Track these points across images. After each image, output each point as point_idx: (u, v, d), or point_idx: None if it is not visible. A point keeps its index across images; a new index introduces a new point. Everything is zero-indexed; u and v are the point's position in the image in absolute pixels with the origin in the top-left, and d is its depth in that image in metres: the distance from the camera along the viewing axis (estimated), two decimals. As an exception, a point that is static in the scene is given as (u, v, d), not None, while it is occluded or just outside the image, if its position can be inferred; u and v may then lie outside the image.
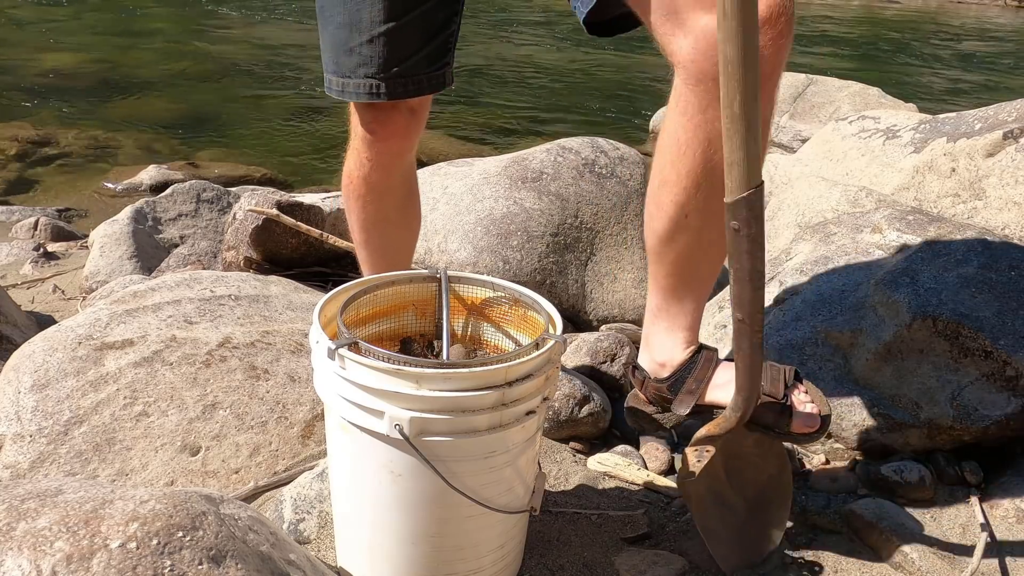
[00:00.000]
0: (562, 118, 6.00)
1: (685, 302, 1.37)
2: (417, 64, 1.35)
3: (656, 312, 1.40)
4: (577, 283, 2.25)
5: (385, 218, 1.59)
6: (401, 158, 1.52)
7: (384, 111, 1.41)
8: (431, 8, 1.34)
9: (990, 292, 1.69)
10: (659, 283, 1.38)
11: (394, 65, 1.34)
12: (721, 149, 1.10)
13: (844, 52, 9.36)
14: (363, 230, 1.61)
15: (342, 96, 1.41)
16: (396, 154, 1.49)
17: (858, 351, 1.71)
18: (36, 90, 5.88)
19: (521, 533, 1.30)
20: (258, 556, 0.94)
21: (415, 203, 1.66)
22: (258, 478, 1.47)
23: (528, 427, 1.17)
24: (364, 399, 1.09)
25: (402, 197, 1.60)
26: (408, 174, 1.59)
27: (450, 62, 1.41)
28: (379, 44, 1.33)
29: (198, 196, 3.02)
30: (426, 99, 1.45)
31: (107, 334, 1.61)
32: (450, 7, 1.37)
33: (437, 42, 1.36)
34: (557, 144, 2.49)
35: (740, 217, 1.12)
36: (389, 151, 1.47)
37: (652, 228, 1.33)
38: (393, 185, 1.54)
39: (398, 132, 1.45)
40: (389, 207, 1.57)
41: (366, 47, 1.34)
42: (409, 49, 1.34)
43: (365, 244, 1.64)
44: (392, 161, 1.50)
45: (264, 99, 6.09)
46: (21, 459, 1.44)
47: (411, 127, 1.46)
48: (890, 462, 1.62)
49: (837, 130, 3.03)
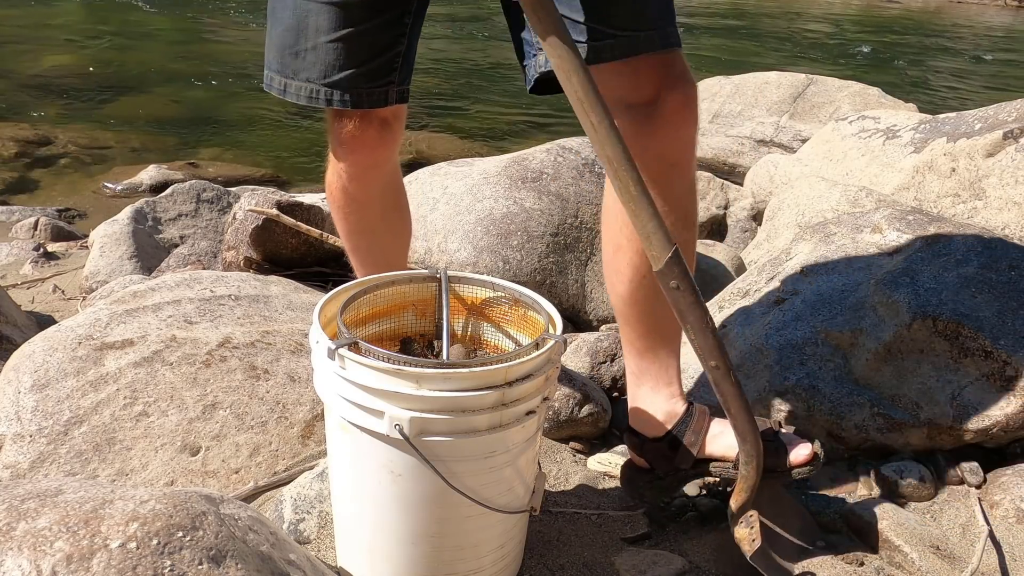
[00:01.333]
0: (562, 118, 6.00)
1: (661, 357, 1.43)
2: (355, 78, 1.37)
3: (637, 376, 1.46)
4: (577, 283, 2.25)
5: (370, 228, 1.58)
6: (377, 170, 1.51)
7: (351, 119, 1.42)
8: (373, 28, 1.36)
9: (990, 292, 1.69)
10: (634, 346, 1.45)
11: (332, 74, 1.36)
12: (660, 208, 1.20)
13: (844, 52, 9.36)
14: (349, 239, 1.62)
15: (284, 96, 1.42)
16: (370, 166, 1.49)
17: (858, 351, 1.71)
18: (36, 90, 5.88)
19: (521, 533, 1.30)
20: (258, 556, 0.94)
21: (401, 213, 1.64)
22: (258, 478, 1.47)
23: (528, 427, 1.17)
24: (364, 399, 1.09)
25: (384, 208, 1.58)
26: (389, 185, 1.58)
27: (395, 81, 1.41)
28: (321, 52, 1.35)
29: (198, 196, 3.02)
30: (396, 111, 1.45)
31: (107, 334, 1.61)
32: (394, 29, 1.38)
33: (380, 61, 1.38)
34: (557, 144, 2.49)
35: (675, 275, 1.19)
36: (361, 163, 1.47)
37: (616, 293, 1.42)
38: (372, 196, 1.54)
39: (368, 143, 1.45)
40: (372, 217, 1.57)
41: (310, 53, 1.36)
42: (349, 62, 1.36)
43: (354, 251, 1.63)
44: (367, 173, 1.49)
45: (264, 99, 6.09)
46: (21, 459, 1.44)
47: (382, 139, 1.45)
48: (890, 462, 1.62)
49: (837, 130, 3.03)
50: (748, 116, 4.15)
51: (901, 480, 1.57)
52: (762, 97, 4.23)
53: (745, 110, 4.18)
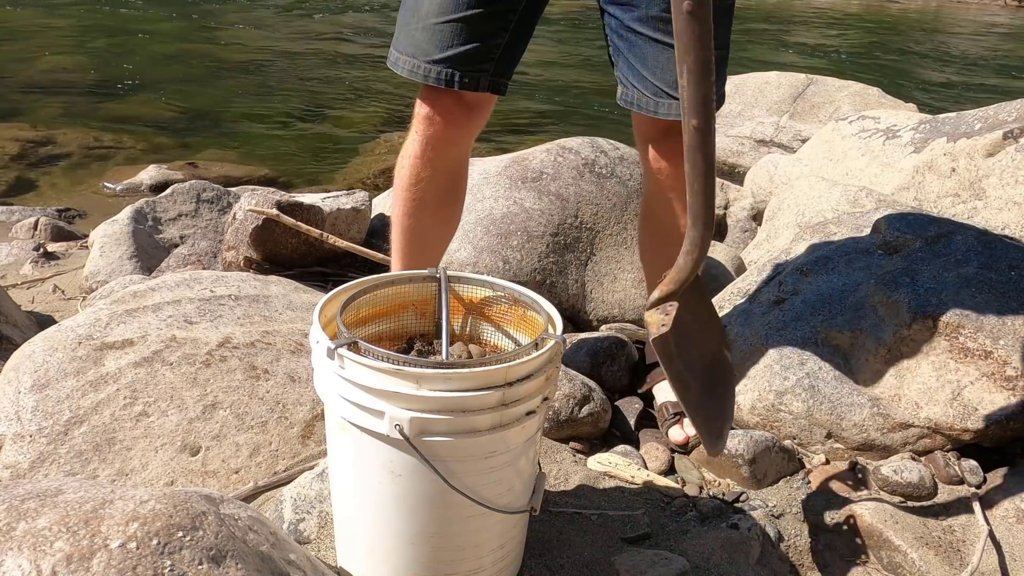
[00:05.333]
0: (562, 118, 6.00)
1: None
2: (454, 60, 1.51)
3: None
4: (577, 283, 2.24)
5: (424, 207, 1.67)
6: (448, 149, 1.62)
7: (439, 96, 1.56)
8: (477, 16, 1.49)
9: (990, 292, 1.69)
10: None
11: (434, 54, 1.51)
12: None
13: (844, 52, 9.36)
14: (401, 219, 1.70)
15: (395, 68, 1.57)
16: (442, 145, 1.60)
17: (858, 351, 1.71)
18: (36, 90, 5.88)
19: (521, 533, 1.30)
20: (258, 556, 0.94)
21: (456, 202, 1.75)
22: (258, 478, 1.47)
23: (528, 427, 1.17)
24: (364, 399, 1.09)
25: (444, 189, 1.68)
26: (453, 169, 1.68)
27: (489, 70, 1.54)
28: (428, 32, 1.50)
29: (198, 196, 3.02)
30: (482, 99, 1.59)
31: (107, 334, 1.61)
32: (498, 22, 1.52)
33: (479, 48, 1.51)
34: (557, 144, 2.49)
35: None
36: (436, 138, 1.59)
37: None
38: (436, 174, 1.64)
39: (448, 121, 1.58)
40: (430, 197, 1.66)
41: (419, 32, 1.52)
42: (451, 45, 1.50)
43: (402, 233, 1.71)
44: (437, 150, 1.60)
45: (264, 99, 6.09)
46: (21, 459, 1.44)
47: (461, 121, 1.59)
48: (890, 462, 1.62)
49: (837, 130, 3.03)
50: (748, 116, 4.15)
51: (901, 480, 1.57)
52: (762, 97, 4.22)
53: (745, 110, 4.18)
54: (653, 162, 1.63)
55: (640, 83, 1.53)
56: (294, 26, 8.91)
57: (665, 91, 1.50)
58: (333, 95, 6.29)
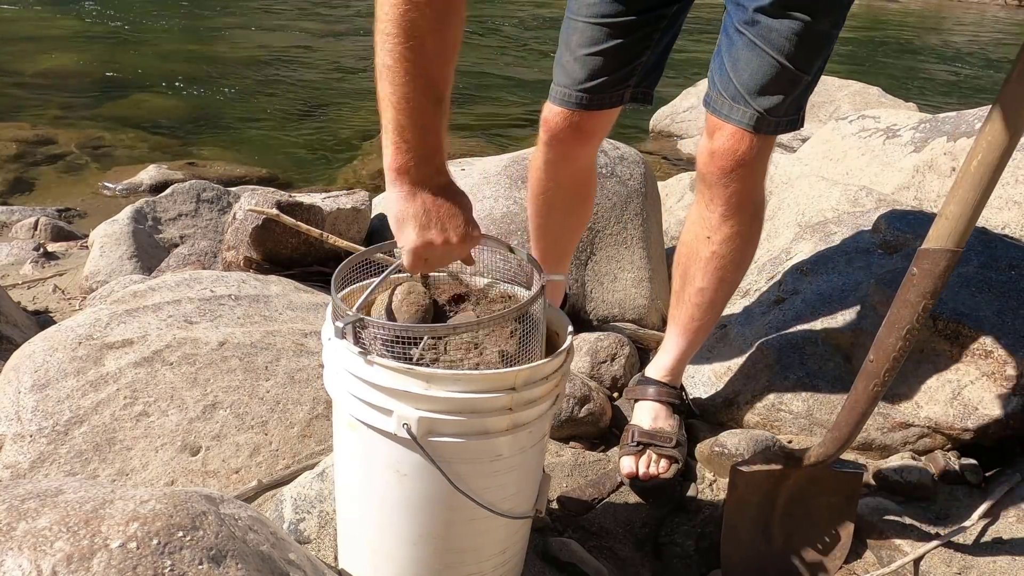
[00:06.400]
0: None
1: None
2: (601, 86, 1.57)
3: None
4: (577, 283, 2.24)
5: (552, 209, 1.78)
6: (568, 161, 1.69)
7: (561, 116, 1.62)
8: (626, 44, 1.55)
9: (990, 292, 1.69)
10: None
11: (584, 82, 1.57)
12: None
13: (844, 51, 9.36)
14: (532, 218, 1.83)
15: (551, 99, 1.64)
16: (563, 156, 1.67)
17: (858, 351, 1.71)
18: (36, 90, 5.88)
19: (523, 540, 1.29)
20: (258, 556, 0.94)
21: (584, 201, 1.83)
22: (258, 478, 1.47)
23: (535, 432, 1.16)
24: (373, 397, 1.09)
25: (570, 196, 1.77)
26: (579, 179, 1.76)
27: (632, 84, 1.60)
28: (579, 63, 1.57)
29: (198, 196, 3.02)
30: (609, 112, 1.64)
31: (107, 334, 1.61)
32: (642, 44, 1.56)
33: (624, 71, 1.58)
34: (557, 144, 2.48)
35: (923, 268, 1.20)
36: (557, 152, 1.67)
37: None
38: (560, 185, 1.73)
39: (567, 140, 1.64)
40: (557, 200, 1.76)
41: (570, 63, 1.58)
42: (599, 73, 1.57)
43: (534, 229, 1.84)
44: (559, 160, 1.68)
45: (264, 99, 6.09)
46: (21, 459, 1.44)
47: (586, 135, 1.64)
48: (890, 461, 1.62)
49: (837, 129, 3.03)
50: (748, 116, 4.14)
51: (901, 480, 1.57)
52: (762, 97, 4.22)
53: (745, 110, 4.18)
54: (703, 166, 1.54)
55: (723, 83, 1.48)
56: (294, 26, 8.92)
57: (743, 95, 1.45)
58: (333, 95, 6.29)
